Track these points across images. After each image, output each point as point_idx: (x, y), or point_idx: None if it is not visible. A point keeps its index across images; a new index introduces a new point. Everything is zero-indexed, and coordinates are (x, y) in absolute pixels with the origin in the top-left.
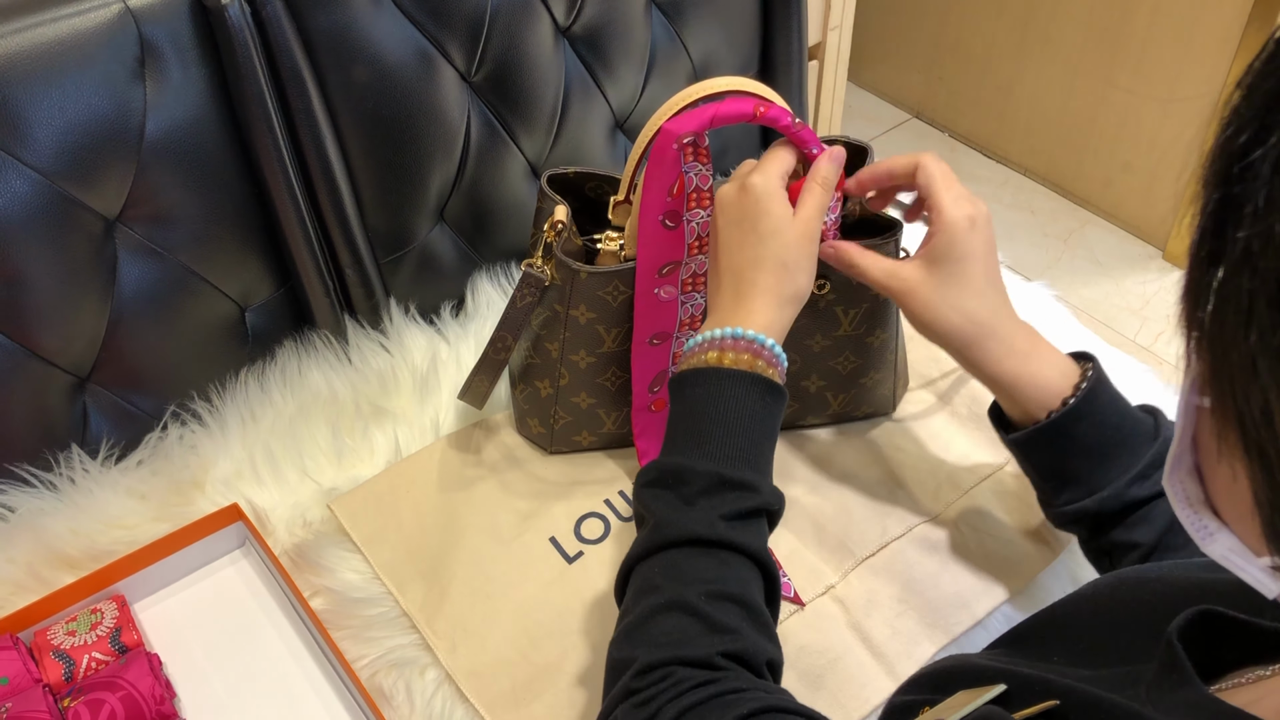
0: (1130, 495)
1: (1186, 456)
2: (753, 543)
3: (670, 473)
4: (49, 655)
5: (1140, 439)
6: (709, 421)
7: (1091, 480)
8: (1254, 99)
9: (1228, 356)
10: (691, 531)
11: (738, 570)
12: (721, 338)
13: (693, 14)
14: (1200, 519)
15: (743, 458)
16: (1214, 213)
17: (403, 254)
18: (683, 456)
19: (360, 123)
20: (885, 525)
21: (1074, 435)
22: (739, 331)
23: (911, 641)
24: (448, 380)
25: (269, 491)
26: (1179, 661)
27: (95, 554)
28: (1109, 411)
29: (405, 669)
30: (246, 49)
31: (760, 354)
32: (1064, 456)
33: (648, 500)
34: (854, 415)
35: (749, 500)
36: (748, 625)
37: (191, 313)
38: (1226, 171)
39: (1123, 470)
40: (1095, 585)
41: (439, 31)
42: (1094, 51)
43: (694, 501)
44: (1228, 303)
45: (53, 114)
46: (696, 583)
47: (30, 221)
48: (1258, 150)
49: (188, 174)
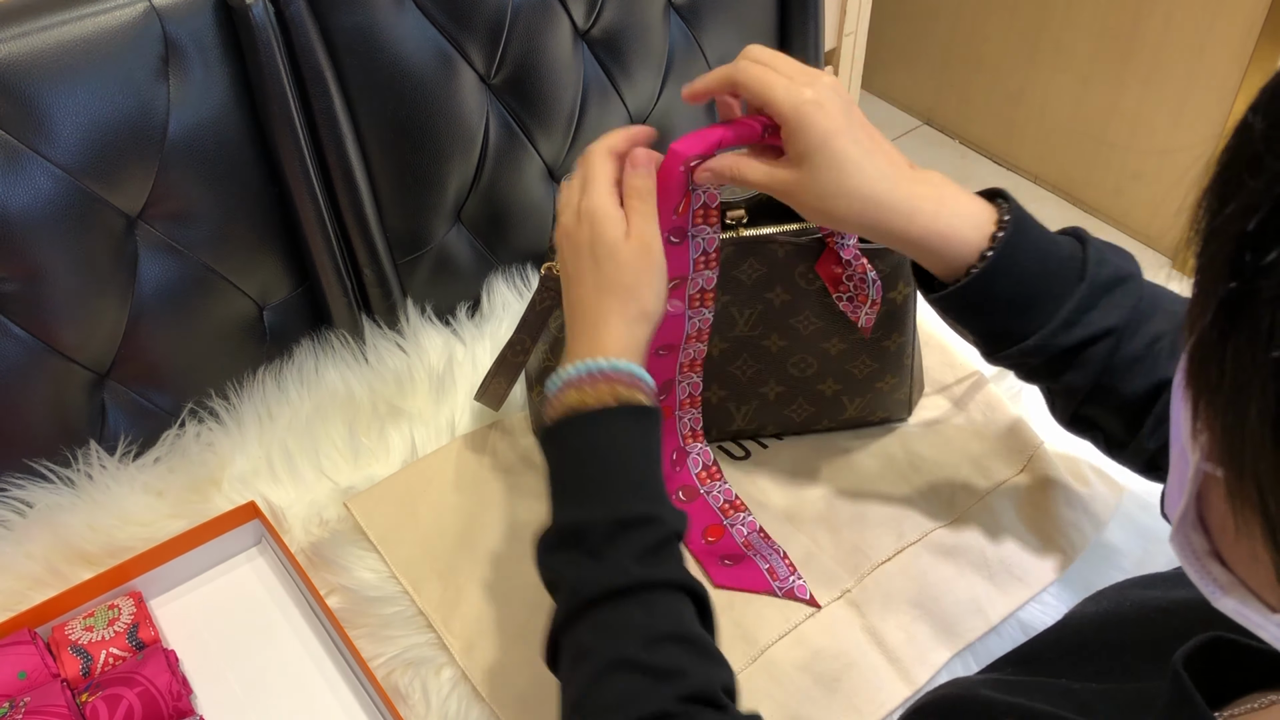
0: (1056, 344)
1: (1191, 511)
2: (672, 574)
3: (568, 532)
4: (67, 650)
5: (1064, 283)
6: (589, 467)
7: (1016, 331)
8: (1265, 169)
9: (1246, 447)
10: (607, 585)
11: (665, 607)
12: (577, 376)
13: (710, 18)
14: (1208, 572)
15: (633, 492)
16: (1226, 302)
17: (420, 254)
18: (575, 511)
19: (380, 123)
20: (901, 530)
21: (992, 292)
22: (591, 365)
23: (926, 647)
24: (464, 381)
25: (285, 490)
26: (1188, 695)
27: (112, 550)
28: (1029, 260)
29: (421, 668)
30: (270, 49)
31: (618, 380)
32: (986, 313)
33: (556, 566)
34: (869, 420)
35: (654, 533)
36: (691, 660)
37: (210, 311)
38: (1238, 259)
39: (1046, 319)
40: (1098, 602)
41: (459, 33)
42: (1105, 60)
43: (600, 554)
44: (1248, 393)
45: (77, 111)
46: (628, 635)
47: (53, 218)
48: (1274, 248)
49: (209, 172)
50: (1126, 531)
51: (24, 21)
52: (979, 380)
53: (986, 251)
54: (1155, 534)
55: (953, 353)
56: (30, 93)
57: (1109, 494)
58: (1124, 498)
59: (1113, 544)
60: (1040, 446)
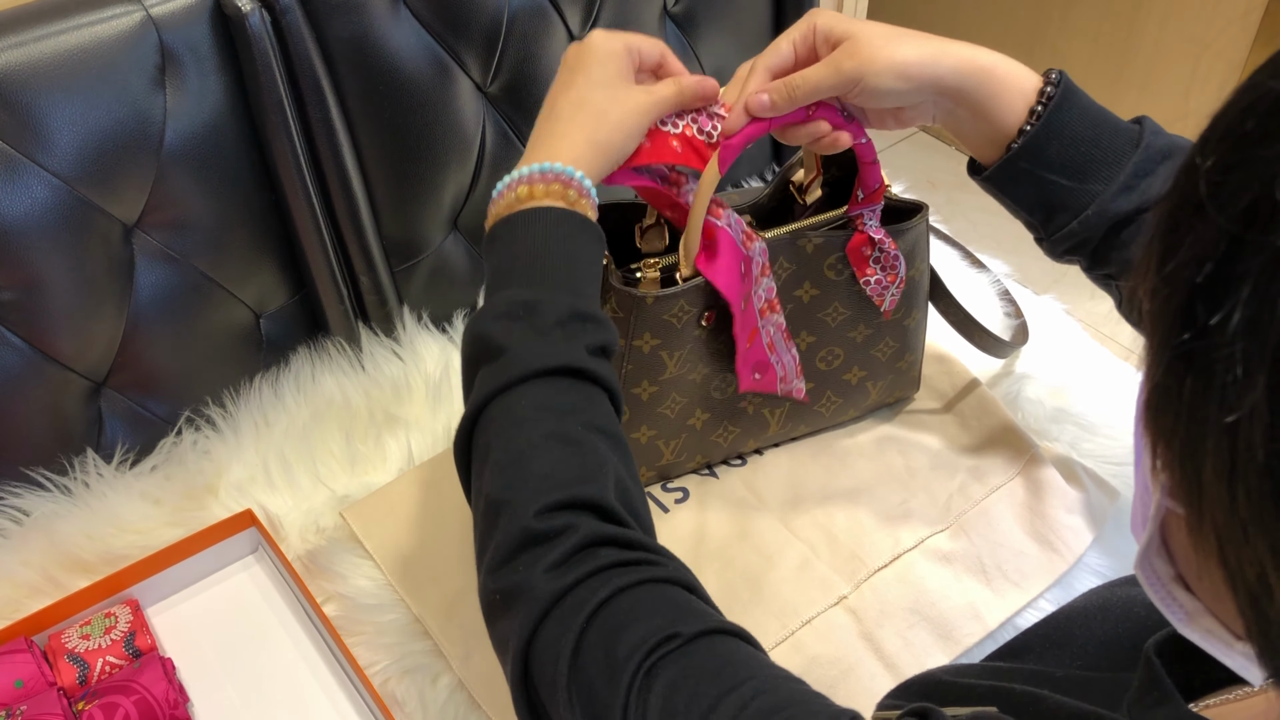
0: (1115, 209)
1: (1155, 540)
2: (610, 377)
3: (521, 305)
4: (63, 658)
5: (1120, 147)
6: (548, 258)
7: (1073, 202)
8: (1209, 218)
9: (1204, 498)
10: (560, 361)
11: (601, 404)
12: (530, 174)
13: (705, 25)
14: (1173, 598)
15: (588, 291)
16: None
17: (416, 262)
18: (530, 290)
19: (377, 132)
20: (897, 536)
21: (1047, 155)
22: (546, 165)
23: (924, 652)
24: (460, 388)
25: (282, 497)
26: (1158, 678)
27: (109, 558)
28: (1081, 123)
29: (418, 675)
30: (266, 57)
31: (570, 185)
32: (1042, 181)
33: (497, 332)
34: (887, 402)
35: (602, 334)
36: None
37: (207, 319)
38: (1190, 310)
39: (1104, 184)
40: (1088, 598)
41: (455, 41)
42: (1101, 65)
43: (549, 333)
44: (1203, 447)
45: (74, 120)
46: (572, 414)
47: (50, 226)
48: (1225, 304)
49: (206, 181)
50: (1122, 535)
51: (21, 31)
52: (975, 386)
53: (1039, 103)
54: None
55: (951, 360)
56: (27, 102)
57: (1104, 498)
58: (1119, 502)
59: (1109, 548)
60: (1036, 451)
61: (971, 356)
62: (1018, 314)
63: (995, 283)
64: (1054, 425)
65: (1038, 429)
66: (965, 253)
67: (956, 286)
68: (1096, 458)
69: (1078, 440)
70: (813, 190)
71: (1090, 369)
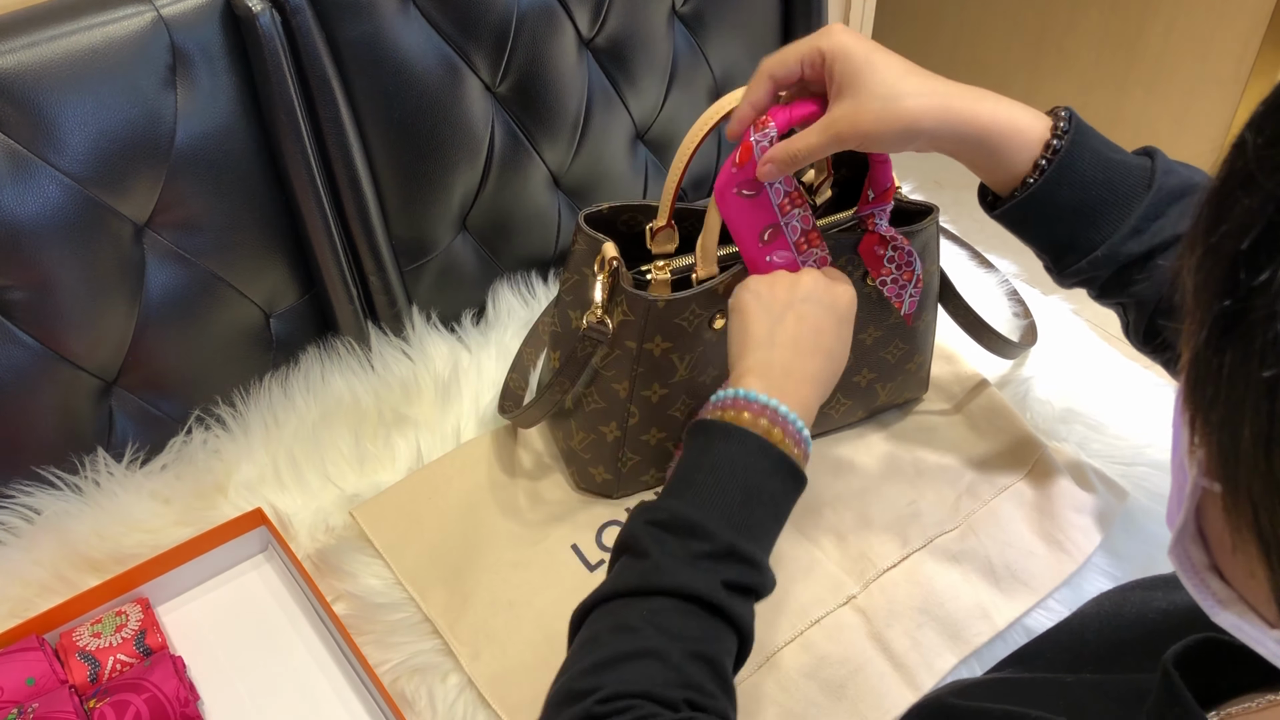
0: (1125, 252)
1: (1190, 524)
2: (745, 617)
3: (684, 523)
4: (74, 656)
5: (1131, 188)
6: (734, 486)
7: (1083, 242)
8: (1258, 187)
9: (1241, 465)
10: (693, 588)
11: (723, 640)
12: (765, 406)
13: (714, 26)
14: (1206, 585)
15: (756, 535)
16: (1220, 320)
17: (425, 262)
18: (699, 512)
19: (386, 132)
20: (906, 537)
21: (1058, 199)
22: (786, 413)
23: (932, 652)
24: (469, 388)
25: (292, 496)
26: (1178, 693)
27: (119, 557)
28: (1091, 167)
29: (428, 674)
30: (276, 57)
31: (800, 442)
32: (1053, 221)
33: (648, 540)
34: (896, 402)
35: (751, 577)
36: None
37: (217, 318)
38: (1232, 277)
39: (1113, 228)
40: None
41: (465, 42)
42: (1108, 67)
43: (698, 561)
44: (1241, 411)
45: (85, 120)
46: (681, 640)
47: (61, 226)
48: (1269, 266)
49: (216, 181)
50: (1131, 536)
51: (33, 31)
52: (984, 386)
53: (1047, 152)
54: (1160, 538)
55: (959, 360)
56: (39, 102)
57: (1114, 498)
58: (1129, 502)
59: (1117, 548)
60: (1045, 451)
61: (980, 357)
62: (1026, 314)
63: (1003, 283)
64: (1062, 426)
65: (1046, 429)
66: (973, 252)
67: (964, 286)
68: (1105, 458)
69: (1086, 441)
70: (823, 191)
71: (1099, 369)
